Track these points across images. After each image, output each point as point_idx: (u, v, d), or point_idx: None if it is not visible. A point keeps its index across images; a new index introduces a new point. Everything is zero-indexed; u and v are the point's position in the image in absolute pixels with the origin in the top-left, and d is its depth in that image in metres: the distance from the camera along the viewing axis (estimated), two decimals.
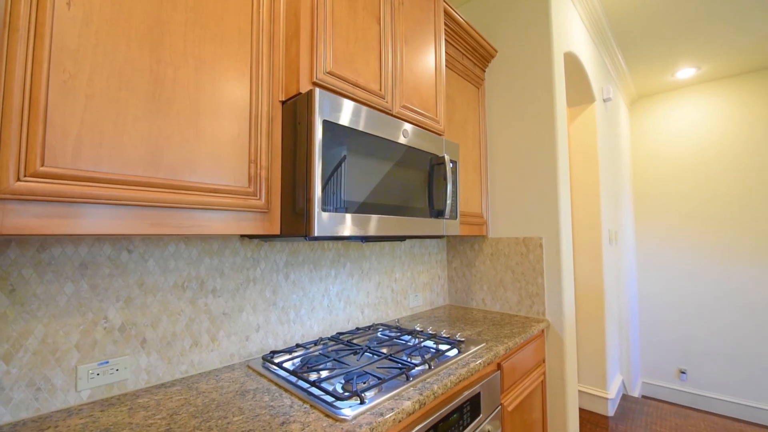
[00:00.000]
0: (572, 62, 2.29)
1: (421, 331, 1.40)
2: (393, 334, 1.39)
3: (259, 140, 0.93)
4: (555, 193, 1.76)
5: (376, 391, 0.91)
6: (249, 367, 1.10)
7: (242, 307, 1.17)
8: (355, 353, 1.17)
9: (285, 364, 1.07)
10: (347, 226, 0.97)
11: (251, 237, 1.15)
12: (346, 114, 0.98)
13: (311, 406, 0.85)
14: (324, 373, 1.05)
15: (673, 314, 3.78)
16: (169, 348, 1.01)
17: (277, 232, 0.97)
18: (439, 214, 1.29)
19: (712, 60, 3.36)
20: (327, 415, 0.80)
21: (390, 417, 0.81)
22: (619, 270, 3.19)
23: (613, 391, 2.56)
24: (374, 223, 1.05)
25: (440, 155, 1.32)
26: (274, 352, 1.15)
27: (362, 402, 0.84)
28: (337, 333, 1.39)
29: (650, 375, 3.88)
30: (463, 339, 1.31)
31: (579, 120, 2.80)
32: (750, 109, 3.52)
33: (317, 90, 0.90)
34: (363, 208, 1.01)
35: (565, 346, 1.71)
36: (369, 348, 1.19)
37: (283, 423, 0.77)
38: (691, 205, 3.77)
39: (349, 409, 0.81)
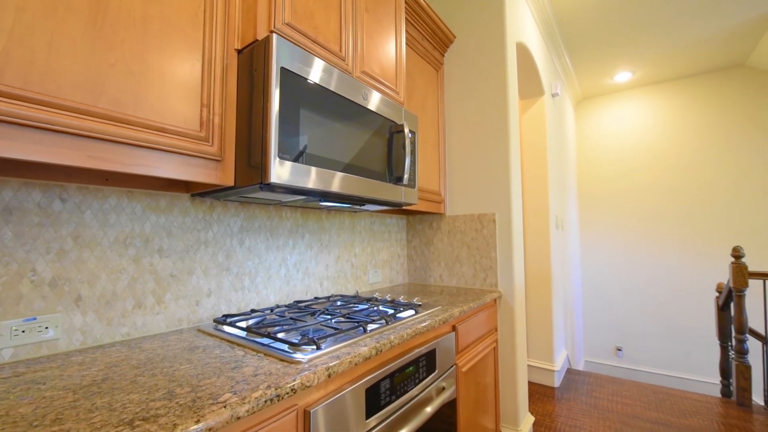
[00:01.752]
0: (524, 54, 2.44)
1: (379, 299, 1.42)
2: (352, 301, 1.40)
3: (212, 85, 0.90)
4: (507, 172, 1.86)
5: (333, 341, 0.91)
6: (199, 330, 1.05)
7: (192, 270, 1.12)
8: (313, 314, 1.16)
9: (239, 323, 1.03)
10: (305, 177, 0.96)
11: (203, 196, 1.10)
12: (305, 66, 0.97)
13: (265, 354, 0.83)
14: (280, 334, 1.03)
15: (612, 297, 4.13)
16: (109, 308, 0.94)
17: (231, 183, 0.94)
18: (398, 180, 1.32)
19: (644, 66, 3.73)
20: (281, 360, 0.79)
21: (347, 359, 0.81)
22: (564, 254, 3.42)
23: (559, 364, 2.75)
24: (333, 179, 1.05)
25: (399, 123, 1.35)
26: (227, 316, 1.11)
27: (318, 348, 0.84)
28: (295, 301, 1.37)
29: (591, 353, 4.20)
30: (420, 303, 1.34)
31: (530, 112, 2.98)
32: (675, 112, 3.95)
33: (275, 36, 0.89)
34: (321, 163, 1.01)
35: (515, 315, 1.81)
36: (327, 310, 1.19)
37: (234, 368, 0.75)
38: (628, 199, 4.14)
39: (303, 354, 0.80)
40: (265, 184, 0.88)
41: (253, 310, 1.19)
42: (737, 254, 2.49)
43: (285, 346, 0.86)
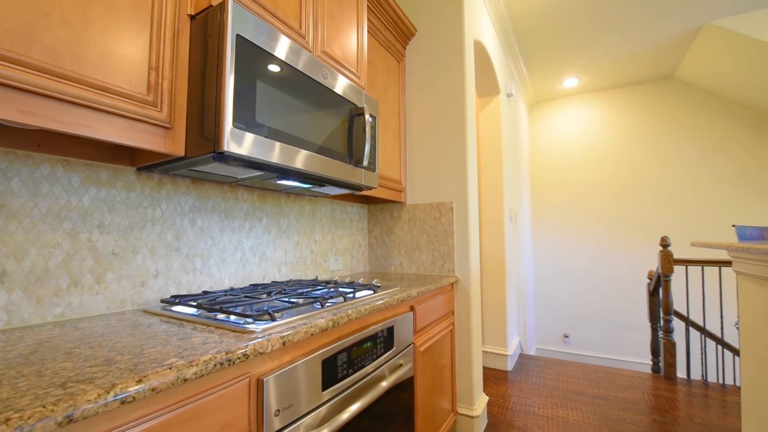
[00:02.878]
0: (481, 52, 2.55)
1: (339, 281, 1.42)
2: (311, 284, 1.39)
3: (161, 49, 0.86)
4: (464, 162, 1.94)
5: (289, 314, 0.90)
6: (145, 311, 0.99)
7: (137, 249, 1.05)
8: (269, 294, 1.14)
9: (189, 302, 0.99)
10: (262, 150, 0.94)
11: (150, 170, 1.04)
12: (263, 36, 0.95)
13: (216, 327, 0.81)
14: (235, 309, 1.00)
15: (560, 288, 4.43)
16: (40, 285, 0.86)
17: (182, 152, 0.90)
18: (358, 163, 1.33)
19: (588, 74, 4.03)
20: (234, 330, 0.77)
21: (302, 329, 0.81)
22: (517, 247, 3.62)
23: (512, 349, 2.90)
24: (291, 155, 1.04)
25: (360, 106, 1.36)
26: (176, 296, 1.05)
27: (273, 320, 0.83)
28: (251, 285, 1.34)
29: (542, 340, 4.47)
30: (379, 285, 1.36)
31: (486, 110, 3.12)
32: (615, 117, 4.31)
33: (230, 1, 0.87)
34: (279, 137, 1.00)
35: (471, 300, 1.88)
36: (284, 290, 1.17)
37: (183, 338, 0.72)
38: (574, 196, 4.46)
39: (258, 325, 0.79)
40: (218, 154, 0.86)
41: (205, 292, 1.14)
42: (664, 243, 2.77)
43: (239, 319, 0.84)
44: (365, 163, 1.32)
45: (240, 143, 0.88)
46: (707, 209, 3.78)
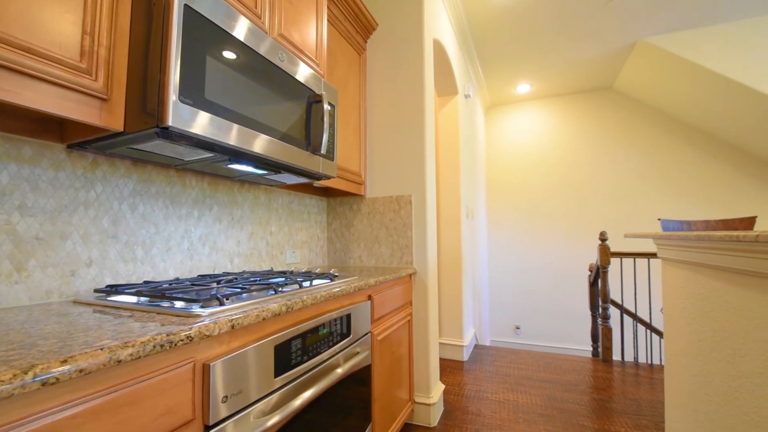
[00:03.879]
0: (440, 51, 2.62)
1: (295, 271, 1.39)
2: (266, 274, 1.34)
3: (98, 14, 0.79)
4: (422, 156, 1.98)
5: (240, 299, 0.87)
6: (75, 301, 0.90)
7: (67, 234, 0.96)
8: (218, 282, 1.08)
9: (128, 291, 0.92)
10: (210, 127, 0.90)
11: (83, 147, 0.95)
12: (214, 9, 0.91)
13: (158, 313, 0.75)
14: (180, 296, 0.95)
15: (512, 282, 4.66)
16: None
17: (120, 127, 0.83)
18: (316, 150, 1.31)
19: (539, 81, 4.29)
20: (177, 315, 0.73)
21: (253, 313, 0.78)
22: (473, 242, 3.76)
23: (467, 340, 3.01)
24: (243, 135, 1.00)
25: (319, 93, 1.34)
26: (112, 286, 0.97)
27: (222, 304, 0.79)
28: (200, 275, 1.27)
29: (495, 332, 4.68)
30: (337, 274, 1.35)
31: (445, 109, 3.21)
32: (563, 123, 4.63)
33: None
34: (231, 117, 0.96)
35: (429, 291, 1.93)
36: (236, 280, 1.13)
37: (118, 324, 0.66)
38: (526, 195, 4.72)
39: (204, 309, 0.75)
40: (162, 129, 0.80)
41: (147, 282, 1.06)
42: (603, 238, 3.02)
43: (185, 305, 0.79)
44: (323, 151, 1.30)
45: (186, 120, 0.83)
46: (638, 207, 4.18)
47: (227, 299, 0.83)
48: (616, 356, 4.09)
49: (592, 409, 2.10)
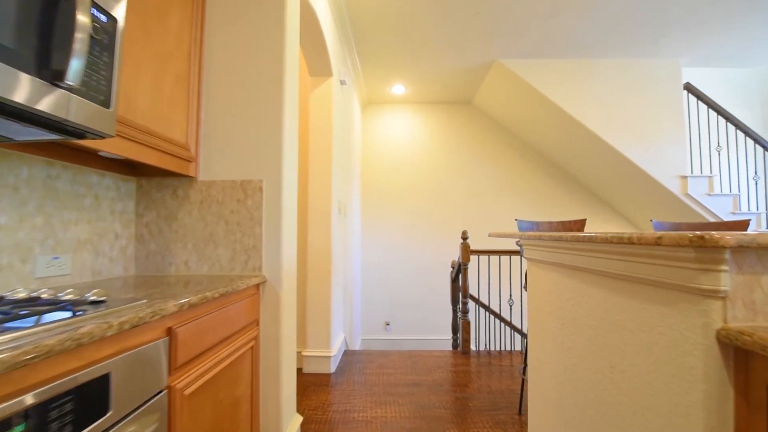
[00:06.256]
0: (311, 18, 2.19)
1: (19, 299, 0.77)
2: None
3: None
4: (279, 133, 1.53)
5: None
6: None
7: None
8: None
9: None
10: None
11: None
12: None
13: None
14: None
15: (385, 278, 4.62)
16: None
17: None
18: (57, 77, 0.72)
19: (411, 85, 4.31)
20: None
21: None
22: (346, 239, 3.48)
23: (335, 348, 2.70)
24: None
25: None
26: None
27: None
28: None
29: (367, 330, 4.57)
30: (103, 299, 0.80)
31: (318, 91, 2.80)
32: (432, 128, 4.80)
33: None
34: None
35: (282, 304, 1.50)
36: None
37: None
38: (398, 195, 4.74)
39: None
40: None
41: None
42: (464, 236, 3.13)
43: None
44: (71, 80, 0.72)
45: None
46: (493, 210, 4.66)
47: None
48: (473, 345, 4.46)
49: (455, 411, 2.05)
